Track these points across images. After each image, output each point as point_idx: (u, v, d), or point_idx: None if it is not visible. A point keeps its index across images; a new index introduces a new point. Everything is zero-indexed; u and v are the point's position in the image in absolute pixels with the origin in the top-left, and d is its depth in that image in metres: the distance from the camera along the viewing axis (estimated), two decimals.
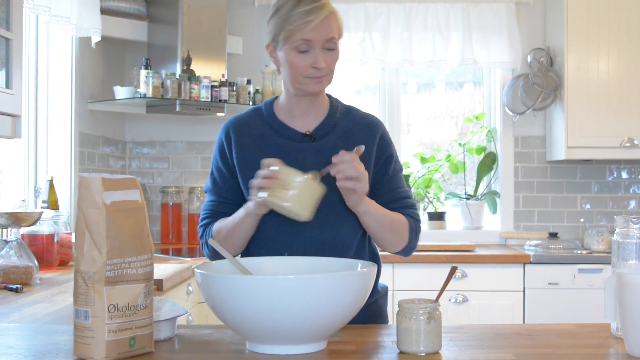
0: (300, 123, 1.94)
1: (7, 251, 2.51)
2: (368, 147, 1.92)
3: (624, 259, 1.54)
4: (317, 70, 1.84)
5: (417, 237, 1.97)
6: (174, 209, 4.44)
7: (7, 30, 2.33)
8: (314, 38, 1.82)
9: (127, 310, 1.34)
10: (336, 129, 1.94)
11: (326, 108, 1.98)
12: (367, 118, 2.00)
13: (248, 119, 1.99)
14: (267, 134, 1.94)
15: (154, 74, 3.82)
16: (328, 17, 1.83)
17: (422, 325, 1.42)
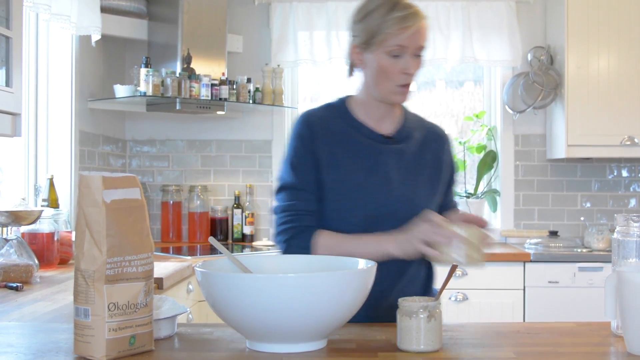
0: (376, 125, 1.95)
1: (7, 250, 2.51)
2: (439, 157, 1.98)
3: (624, 257, 1.54)
4: (406, 76, 1.85)
5: None
6: (174, 207, 4.44)
7: (7, 29, 2.33)
8: (408, 44, 1.83)
9: (127, 309, 1.34)
10: (413, 135, 1.98)
11: (401, 112, 2.01)
12: (436, 128, 2.06)
13: (324, 114, 1.96)
14: (348, 132, 1.92)
15: (154, 72, 3.81)
16: (422, 25, 1.85)
17: (422, 323, 1.42)
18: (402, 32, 1.82)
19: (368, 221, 1.86)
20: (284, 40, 4.43)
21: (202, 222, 4.43)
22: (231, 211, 4.48)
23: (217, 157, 4.58)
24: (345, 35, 4.62)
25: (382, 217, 1.86)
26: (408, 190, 1.90)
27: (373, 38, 1.86)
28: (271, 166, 4.55)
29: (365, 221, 1.86)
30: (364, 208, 1.86)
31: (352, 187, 1.87)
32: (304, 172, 1.89)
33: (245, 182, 4.54)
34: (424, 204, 1.89)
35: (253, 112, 4.54)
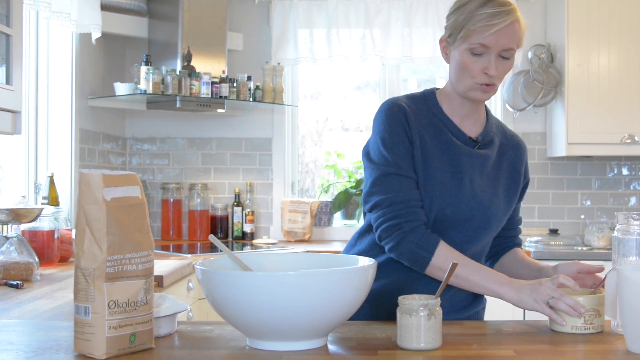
0: (463, 124, 1.89)
1: (7, 247, 2.51)
2: (517, 168, 1.94)
3: (625, 255, 1.54)
4: (487, 76, 1.78)
5: None
6: (174, 205, 4.44)
7: (7, 27, 2.32)
8: (492, 44, 1.75)
9: (127, 307, 1.34)
10: (494, 141, 1.93)
11: (484, 116, 1.95)
12: (515, 137, 2.00)
13: (415, 105, 1.87)
14: (438, 126, 1.86)
15: (155, 70, 3.81)
16: (512, 25, 1.75)
17: (423, 321, 1.42)
18: (486, 30, 1.74)
19: (445, 222, 1.81)
20: (284, 38, 4.43)
21: (203, 220, 4.43)
22: (231, 209, 4.48)
23: (218, 155, 4.58)
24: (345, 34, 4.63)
25: (456, 221, 1.82)
26: (486, 198, 1.85)
27: (458, 33, 1.78)
28: (271, 164, 4.55)
29: (442, 222, 1.81)
30: (444, 209, 1.81)
31: (436, 185, 1.81)
32: (405, 157, 1.80)
33: (245, 180, 4.54)
34: (500, 215, 1.88)
35: (253, 110, 4.54)
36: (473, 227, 1.84)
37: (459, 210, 1.82)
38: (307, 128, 4.80)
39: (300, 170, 4.75)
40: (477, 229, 1.85)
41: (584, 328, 1.56)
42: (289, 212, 4.41)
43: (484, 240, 1.89)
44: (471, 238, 1.86)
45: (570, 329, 1.56)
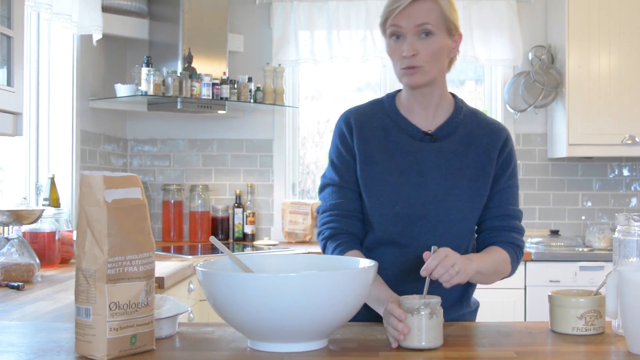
0: (420, 119, 1.87)
1: (8, 249, 2.51)
2: (489, 154, 1.86)
3: (625, 256, 1.54)
4: (407, 59, 1.76)
5: (519, 263, 1.91)
6: (175, 206, 4.44)
7: (9, 28, 2.33)
8: (402, 23, 1.75)
9: (128, 308, 1.34)
10: (459, 131, 1.87)
11: (449, 108, 1.90)
12: (492, 124, 1.91)
13: (368, 111, 1.92)
14: (388, 128, 1.87)
15: (155, 71, 3.81)
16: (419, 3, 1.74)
17: (424, 320, 1.42)
18: (394, 11, 1.76)
19: (398, 220, 1.81)
20: (285, 39, 4.43)
21: (203, 221, 4.43)
22: (232, 210, 4.48)
23: (218, 156, 4.58)
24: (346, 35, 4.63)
25: (413, 218, 1.81)
26: (443, 191, 1.82)
27: (381, 22, 1.82)
28: (272, 165, 4.55)
29: (396, 220, 1.81)
30: (394, 207, 1.81)
31: (384, 185, 1.82)
32: (345, 169, 1.88)
33: (246, 182, 4.54)
34: (460, 206, 1.82)
35: (254, 112, 4.54)
36: (431, 222, 1.82)
37: (410, 206, 1.81)
38: (308, 129, 4.80)
39: (301, 171, 4.75)
40: (436, 223, 1.82)
41: (585, 329, 1.56)
42: (290, 214, 4.42)
43: (450, 235, 1.84)
44: (432, 234, 1.82)
45: (571, 330, 1.56)
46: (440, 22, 1.77)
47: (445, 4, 1.78)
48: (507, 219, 1.88)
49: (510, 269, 1.89)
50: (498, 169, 1.87)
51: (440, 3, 1.77)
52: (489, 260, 1.81)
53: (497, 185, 1.87)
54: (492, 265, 1.81)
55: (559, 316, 1.58)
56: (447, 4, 1.79)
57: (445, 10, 1.78)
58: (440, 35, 1.77)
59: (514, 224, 1.89)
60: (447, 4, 1.79)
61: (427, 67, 1.78)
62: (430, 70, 1.79)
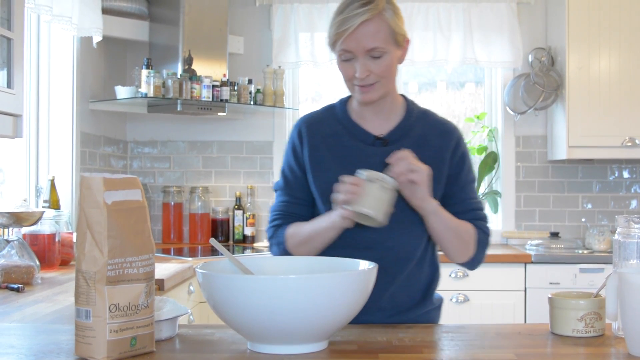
0: (372, 125, 1.89)
1: (8, 251, 2.51)
2: (442, 154, 1.88)
3: (625, 258, 1.54)
4: (360, 79, 1.78)
5: (484, 250, 1.92)
6: (175, 208, 4.45)
7: (9, 30, 2.33)
8: (352, 48, 1.76)
9: (128, 310, 1.34)
10: (411, 134, 1.89)
11: (401, 111, 1.92)
12: (444, 124, 1.93)
13: (321, 117, 1.94)
14: (340, 134, 1.89)
15: (155, 73, 3.82)
16: (367, 25, 1.74)
17: (375, 189, 1.63)
18: (341, 36, 1.75)
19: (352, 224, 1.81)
20: (285, 41, 4.44)
21: (203, 223, 4.43)
22: (232, 212, 4.48)
23: (218, 158, 4.58)
24: None
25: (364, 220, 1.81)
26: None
27: (330, 42, 1.82)
28: (272, 167, 4.55)
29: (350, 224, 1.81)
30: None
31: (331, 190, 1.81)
32: (292, 178, 1.93)
33: (246, 184, 4.54)
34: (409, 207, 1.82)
35: (254, 114, 4.55)
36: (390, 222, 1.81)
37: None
38: None
39: None
40: (390, 225, 1.81)
41: (585, 331, 1.56)
42: None
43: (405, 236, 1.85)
44: (388, 235, 1.84)
45: (571, 332, 1.56)
46: (389, 39, 1.78)
47: (391, 16, 1.79)
48: (471, 213, 1.91)
49: (474, 249, 1.89)
50: (453, 169, 1.90)
51: (386, 19, 1.77)
52: (453, 218, 1.84)
53: (456, 184, 1.90)
54: (454, 223, 1.83)
55: (559, 318, 1.58)
56: (393, 17, 1.79)
57: (393, 25, 1.79)
58: (391, 52, 1.80)
59: (478, 214, 1.92)
60: (393, 15, 1.79)
61: (381, 82, 1.81)
62: (384, 85, 1.83)
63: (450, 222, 1.83)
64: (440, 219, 1.80)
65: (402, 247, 1.86)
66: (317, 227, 1.82)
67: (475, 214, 1.91)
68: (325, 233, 1.81)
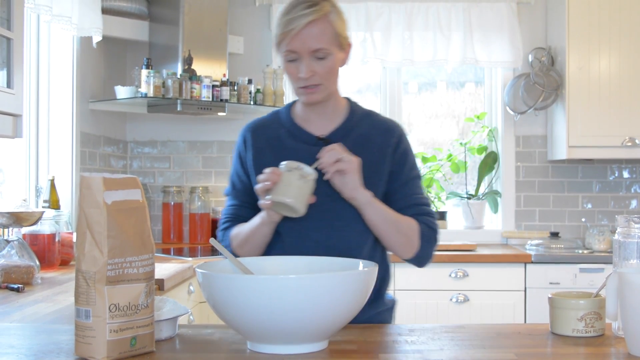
0: (315, 126, 1.92)
1: (8, 251, 2.51)
2: (384, 151, 1.90)
3: (626, 258, 1.54)
4: (304, 80, 1.81)
5: (432, 245, 1.92)
6: (175, 208, 4.44)
7: (8, 30, 2.33)
8: (297, 48, 1.79)
9: (128, 310, 1.34)
10: (352, 133, 1.92)
11: (344, 112, 1.95)
12: (386, 122, 1.97)
13: (266, 122, 1.98)
14: (283, 137, 1.92)
15: (155, 73, 3.81)
16: (312, 26, 1.78)
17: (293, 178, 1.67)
18: (286, 36, 1.78)
19: (297, 222, 1.83)
20: None
21: (203, 223, 4.43)
22: None
23: (218, 158, 4.58)
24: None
25: (309, 218, 1.82)
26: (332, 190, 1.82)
27: (275, 42, 1.84)
28: None
29: (295, 222, 1.84)
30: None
31: None
32: (239, 183, 1.97)
33: None
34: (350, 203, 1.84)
35: (254, 114, 4.54)
36: (329, 221, 1.85)
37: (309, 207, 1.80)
38: None
39: None
40: (332, 222, 1.85)
41: (585, 331, 1.56)
42: None
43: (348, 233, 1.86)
44: (331, 233, 1.86)
45: (571, 332, 1.56)
46: (334, 41, 1.82)
47: (336, 19, 1.82)
48: (415, 207, 1.91)
49: (419, 244, 1.88)
50: (395, 165, 1.92)
51: (332, 21, 1.81)
52: (392, 211, 1.85)
53: (398, 180, 1.92)
54: (392, 216, 1.84)
55: (559, 318, 1.58)
56: (337, 19, 1.83)
57: (337, 28, 1.82)
58: (335, 54, 1.83)
59: (423, 209, 1.93)
60: (337, 18, 1.83)
61: (325, 84, 1.84)
62: (327, 87, 1.85)
63: (388, 214, 1.84)
64: (375, 210, 1.82)
65: (345, 245, 1.86)
66: (252, 225, 1.87)
67: (419, 209, 1.92)
68: (259, 230, 1.85)
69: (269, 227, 1.84)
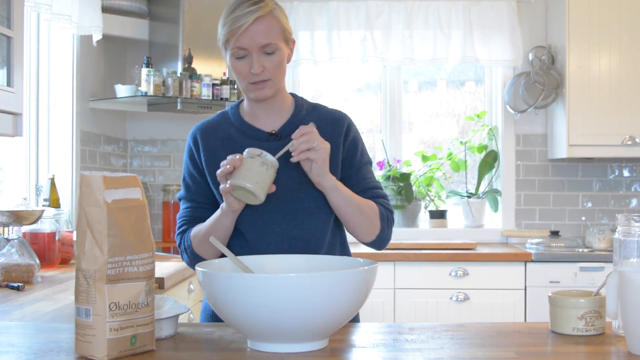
0: (264, 123, 1.95)
1: (8, 249, 2.51)
2: (335, 141, 1.93)
3: (626, 257, 1.54)
4: (253, 75, 1.83)
5: (390, 227, 1.96)
6: (175, 207, 4.44)
7: (8, 29, 2.33)
8: (246, 45, 1.81)
9: (128, 309, 1.34)
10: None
11: (290, 107, 1.98)
12: (333, 113, 2.00)
13: (215, 123, 1.99)
14: (234, 136, 1.94)
15: (155, 72, 3.81)
16: (260, 22, 1.80)
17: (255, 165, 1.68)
18: (235, 33, 1.80)
19: (259, 216, 1.86)
20: None
21: None
22: None
23: None
24: (346, 35, 4.63)
25: (270, 211, 1.86)
26: (295, 182, 1.87)
27: (221, 41, 1.86)
28: None
29: (256, 216, 1.86)
30: (251, 205, 1.85)
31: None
32: (193, 184, 1.97)
33: None
34: (314, 194, 1.87)
35: None
36: (290, 213, 1.87)
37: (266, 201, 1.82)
38: None
39: None
40: (294, 213, 1.87)
41: (585, 330, 1.56)
42: None
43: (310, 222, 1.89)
44: (293, 224, 1.88)
45: (571, 330, 1.56)
46: (281, 36, 1.85)
47: (280, 14, 1.87)
48: (370, 191, 1.96)
49: (380, 226, 1.92)
50: (346, 153, 1.96)
51: (277, 17, 1.85)
52: (355, 195, 1.88)
53: (352, 167, 1.96)
54: (356, 199, 1.88)
55: (559, 317, 1.58)
56: (281, 15, 1.87)
57: (283, 23, 1.87)
58: (282, 49, 1.86)
59: (378, 192, 1.98)
60: (281, 14, 1.87)
61: (274, 79, 1.87)
62: (276, 82, 1.88)
63: (352, 198, 1.87)
64: (340, 194, 1.84)
65: (309, 235, 1.89)
66: (212, 219, 1.87)
67: (375, 192, 1.96)
68: (219, 222, 1.84)
69: (229, 218, 1.83)
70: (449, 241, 4.22)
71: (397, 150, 4.67)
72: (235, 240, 1.91)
